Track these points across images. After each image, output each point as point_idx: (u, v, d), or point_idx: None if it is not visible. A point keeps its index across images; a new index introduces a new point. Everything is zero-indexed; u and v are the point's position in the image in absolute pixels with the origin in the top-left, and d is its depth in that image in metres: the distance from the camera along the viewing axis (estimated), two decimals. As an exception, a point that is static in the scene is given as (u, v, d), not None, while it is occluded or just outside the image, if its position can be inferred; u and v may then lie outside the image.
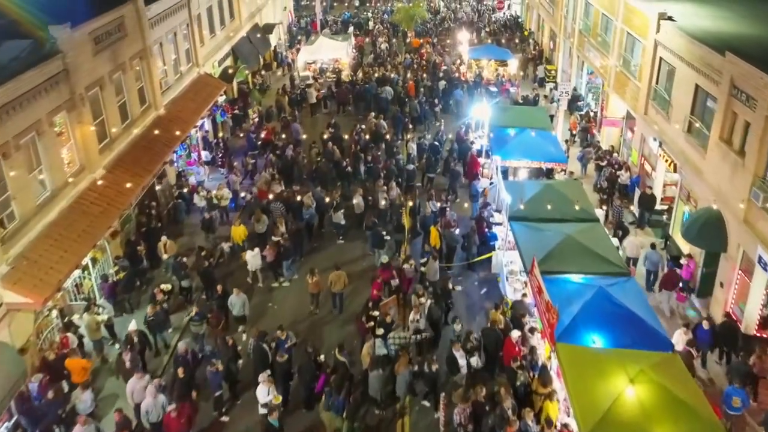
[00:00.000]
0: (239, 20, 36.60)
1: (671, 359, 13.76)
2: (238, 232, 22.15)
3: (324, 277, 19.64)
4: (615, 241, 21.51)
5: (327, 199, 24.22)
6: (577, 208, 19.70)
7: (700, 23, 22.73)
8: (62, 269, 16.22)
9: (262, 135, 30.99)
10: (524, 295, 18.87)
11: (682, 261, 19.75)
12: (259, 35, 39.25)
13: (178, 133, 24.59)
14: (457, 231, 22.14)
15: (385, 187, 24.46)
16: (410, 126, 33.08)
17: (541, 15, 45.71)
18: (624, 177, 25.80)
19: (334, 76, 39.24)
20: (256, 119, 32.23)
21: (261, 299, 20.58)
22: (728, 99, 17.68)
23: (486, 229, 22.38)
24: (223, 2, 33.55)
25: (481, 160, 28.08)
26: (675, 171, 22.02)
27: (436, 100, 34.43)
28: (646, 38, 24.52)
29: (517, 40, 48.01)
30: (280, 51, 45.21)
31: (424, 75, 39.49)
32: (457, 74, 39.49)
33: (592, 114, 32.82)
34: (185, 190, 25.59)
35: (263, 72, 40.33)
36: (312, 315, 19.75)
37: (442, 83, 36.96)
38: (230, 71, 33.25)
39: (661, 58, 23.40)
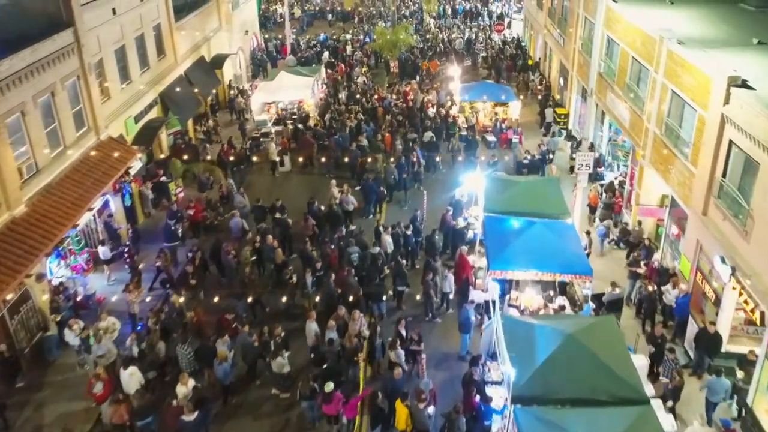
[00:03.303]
0: (173, 57, 29.28)
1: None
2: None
3: None
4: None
5: (257, 342, 16.97)
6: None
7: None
8: None
9: (190, 213, 23.80)
10: None
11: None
12: (201, 73, 31.91)
13: (45, 237, 17.40)
14: (431, 409, 14.85)
15: (335, 322, 17.20)
16: (385, 194, 25.85)
17: (548, 43, 38.36)
18: (670, 297, 18.53)
19: (291, 123, 31.87)
20: (181, 193, 24.89)
21: None
22: None
23: (477, 399, 15.10)
24: (145, 38, 26.22)
25: (472, 259, 20.87)
26: (762, 323, 14.80)
27: (416, 160, 27.05)
28: (706, 108, 17.27)
29: (517, 72, 40.49)
30: (236, 86, 37.86)
31: (405, 121, 32.19)
32: (447, 119, 32.20)
33: (617, 182, 25.50)
34: (62, 314, 18.37)
35: (211, 118, 32.95)
36: None
37: (428, 134, 29.63)
38: (156, 126, 25.92)
39: (731, 142, 16.14)
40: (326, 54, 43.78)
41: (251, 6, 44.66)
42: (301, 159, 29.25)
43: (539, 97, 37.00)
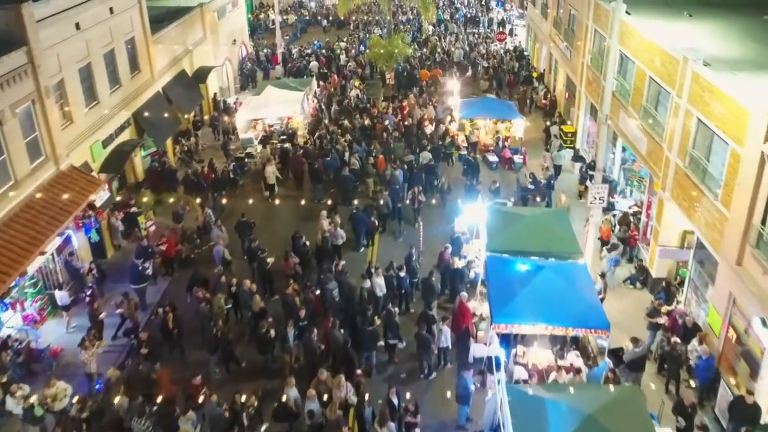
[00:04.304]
0: (149, 73, 27.05)
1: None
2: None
3: None
4: None
5: (227, 411, 14.69)
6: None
7: None
8: None
9: (163, 248, 21.62)
10: None
11: None
12: (181, 88, 29.68)
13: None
14: None
15: (315, 390, 14.97)
16: (377, 225, 23.63)
17: (553, 54, 36.14)
18: (694, 355, 16.30)
19: (278, 143, 29.68)
20: (152, 227, 22.66)
21: None
22: None
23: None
24: (116, 53, 23.99)
25: (473, 305, 18.70)
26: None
27: (416, 196, 24.29)
28: (742, 143, 15.10)
29: (520, 84, 38.21)
30: (221, 99, 35.66)
31: (399, 137, 29.93)
32: (445, 138, 30.00)
33: (631, 213, 23.30)
34: (7, 373, 16.14)
35: (193, 135, 30.70)
36: None
37: (426, 155, 27.37)
38: (127, 150, 23.69)
39: (774, 185, 14.00)
40: (314, 63, 41.42)
41: (240, 13, 42.44)
42: (291, 176, 27.20)
43: (544, 112, 34.92)
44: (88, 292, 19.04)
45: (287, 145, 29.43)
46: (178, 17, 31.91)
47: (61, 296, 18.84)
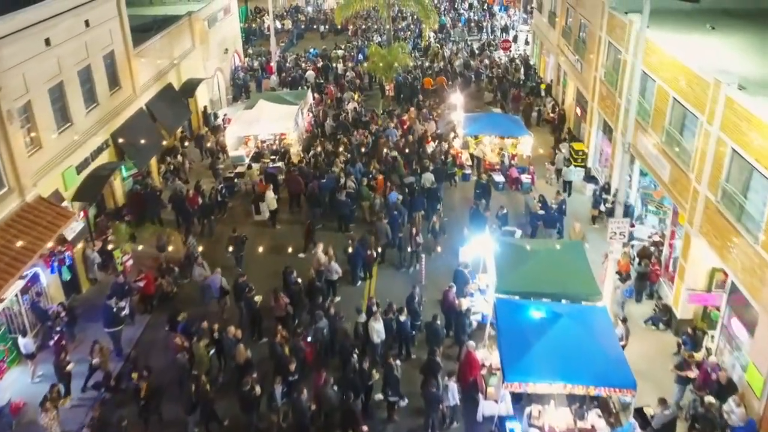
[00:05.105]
0: (131, 88, 25.19)
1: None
2: None
3: None
4: None
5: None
6: None
7: None
8: None
9: (141, 284, 19.81)
10: None
11: None
12: (167, 103, 27.82)
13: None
14: None
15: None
16: (376, 256, 21.78)
17: (561, 65, 34.30)
18: (735, 418, 14.45)
19: (269, 162, 27.85)
20: (128, 262, 20.79)
21: None
22: None
23: None
24: (92, 70, 22.13)
25: (481, 354, 16.90)
26: None
27: (415, 233, 21.68)
28: (789, 183, 13.29)
29: (525, 94, 36.30)
30: (213, 112, 33.84)
31: (399, 156, 28.09)
32: (447, 156, 28.20)
33: (651, 243, 21.47)
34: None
35: (180, 153, 28.81)
36: None
37: (429, 177, 25.49)
38: (104, 175, 21.83)
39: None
40: (311, 73, 39.57)
41: (232, 20, 40.55)
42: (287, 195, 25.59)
43: (552, 126, 33.11)
44: (56, 338, 17.18)
45: (280, 164, 27.62)
46: (167, 26, 30.12)
47: (26, 344, 16.98)
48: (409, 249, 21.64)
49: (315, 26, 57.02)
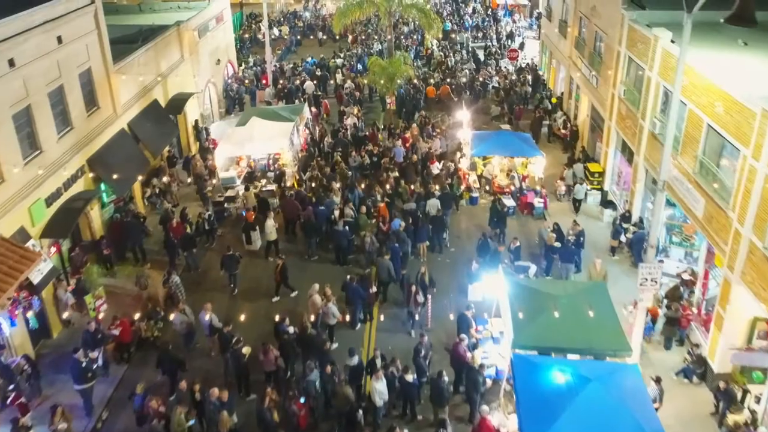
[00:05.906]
0: (111, 108, 23.20)
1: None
2: None
3: None
4: None
5: None
6: None
7: None
8: None
9: (115, 332, 17.85)
10: None
11: None
12: (151, 122, 25.80)
13: None
14: None
15: None
16: (377, 296, 19.80)
17: (573, 77, 32.31)
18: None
19: (262, 188, 25.85)
20: (102, 306, 18.76)
21: None
22: None
23: None
24: (65, 90, 20.11)
25: (497, 419, 14.95)
26: None
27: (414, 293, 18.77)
28: None
29: (535, 111, 34.22)
30: (204, 127, 31.87)
31: (401, 180, 26.06)
32: (453, 178, 26.23)
33: (681, 282, 19.46)
34: None
35: (167, 174, 26.80)
36: None
37: (434, 203, 23.44)
38: (78, 207, 19.83)
39: None
40: (309, 84, 37.58)
41: (226, 29, 38.53)
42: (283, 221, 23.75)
43: (564, 144, 31.16)
44: (11, 398, 15.22)
45: (273, 187, 25.67)
46: (155, 37, 28.14)
47: (-20, 405, 15.05)
48: (406, 310, 19.18)
49: (312, 36, 54.92)
